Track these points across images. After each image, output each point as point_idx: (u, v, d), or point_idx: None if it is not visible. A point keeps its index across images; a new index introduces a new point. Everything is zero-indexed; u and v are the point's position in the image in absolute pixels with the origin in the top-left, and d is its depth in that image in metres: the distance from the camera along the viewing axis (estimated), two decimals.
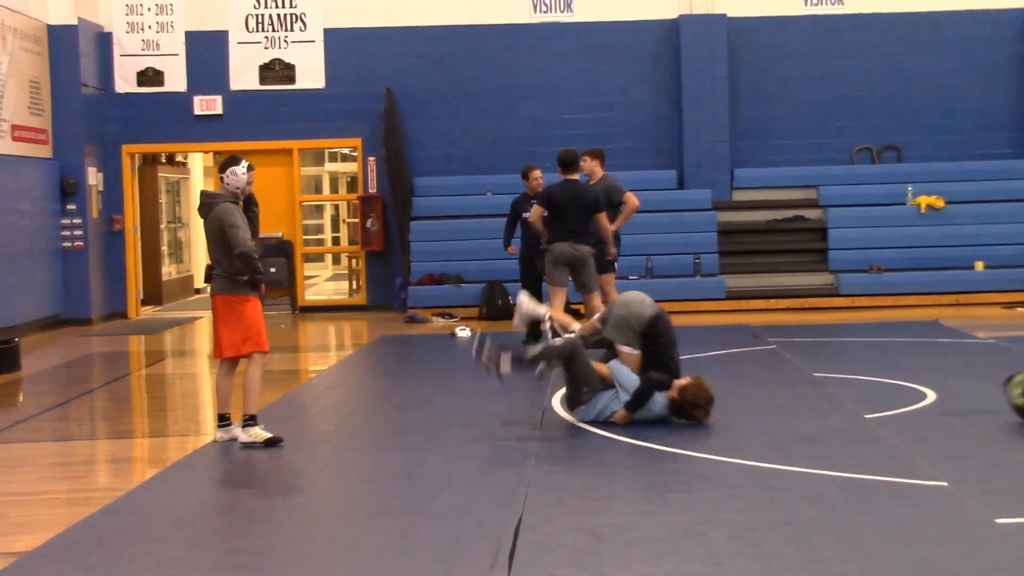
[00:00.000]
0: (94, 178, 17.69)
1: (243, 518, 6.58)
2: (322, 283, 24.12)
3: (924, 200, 17.50)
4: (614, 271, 12.74)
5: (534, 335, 13.21)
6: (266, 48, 18.30)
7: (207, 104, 18.29)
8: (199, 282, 21.89)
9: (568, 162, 11.96)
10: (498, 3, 18.31)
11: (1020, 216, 17.46)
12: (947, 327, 14.04)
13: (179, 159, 21.66)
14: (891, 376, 10.35)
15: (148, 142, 18.60)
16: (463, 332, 14.65)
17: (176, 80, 18.31)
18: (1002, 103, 18.32)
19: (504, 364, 8.43)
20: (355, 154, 18.89)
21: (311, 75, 18.30)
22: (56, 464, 8.25)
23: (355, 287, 19.99)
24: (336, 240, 27.03)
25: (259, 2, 18.26)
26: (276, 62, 18.31)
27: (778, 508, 6.24)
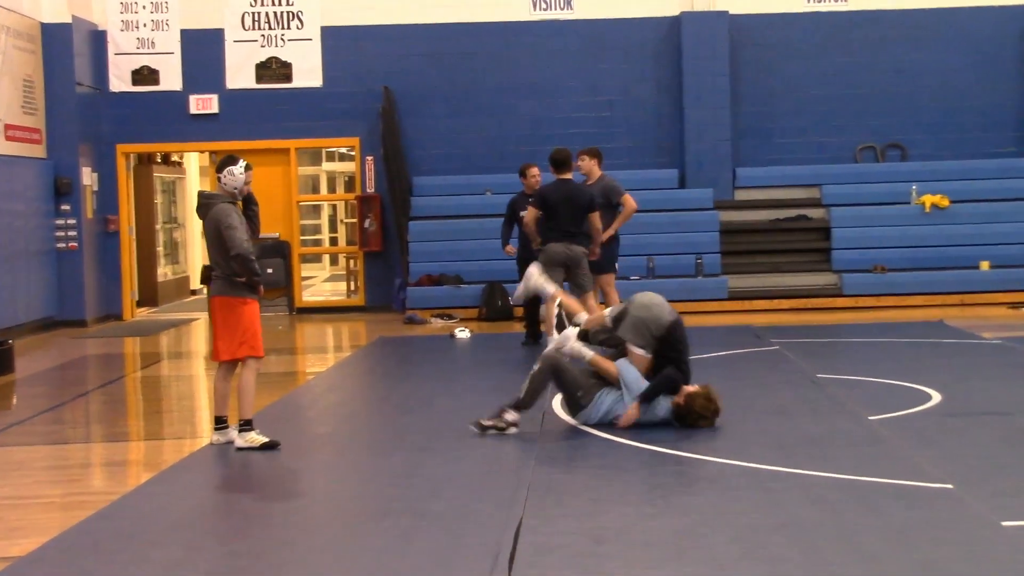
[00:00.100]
0: (89, 178, 17.69)
1: (241, 521, 6.59)
2: (320, 284, 24.12)
3: (928, 199, 17.51)
4: (615, 272, 12.73)
5: (534, 335, 13.24)
6: (263, 46, 18.30)
7: (203, 103, 18.30)
8: (195, 283, 21.89)
9: (560, 161, 11.95)
10: (497, 0, 18.32)
11: None
12: (952, 327, 14.04)
13: (175, 159, 21.67)
14: (895, 377, 10.36)
15: (143, 142, 18.60)
16: (462, 333, 14.65)
17: (171, 79, 18.31)
18: (1007, 101, 18.32)
19: (509, 416, 8.47)
20: (353, 153, 18.89)
21: (308, 74, 18.30)
22: (51, 467, 8.25)
23: (353, 288, 19.99)
24: (334, 240, 27.04)
25: (255, 0, 18.28)
26: (273, 60, 18.31)
27: (781, 510, 6.25)
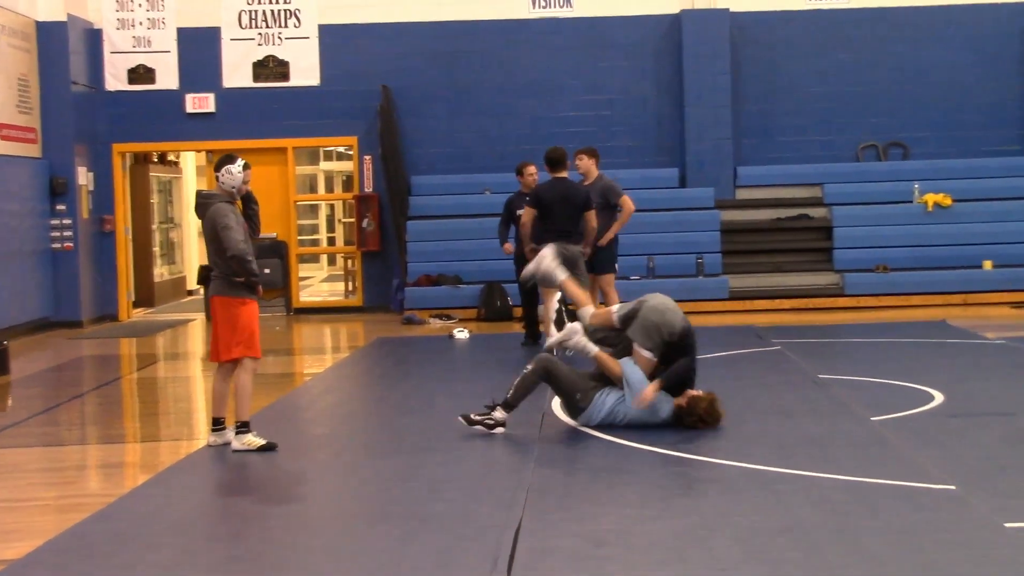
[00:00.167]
0: (84, 178, 17.69)
1: (238, 524, 6.58)
2: (317, 284, 24.11)
3: (931, 198, 17.51)
4: (615, 272, 12.73)
5: (533, 336, 13.23)
6: (260, 45, 18.30)
7: (199, 102, 18.29)
8: (192, 283, 21.89)
9: (555, 160, 11.94)
10: None
11: None
12: (955, 327, 14.04)
13: (171, 158, 21.67)
14: (898, 378, 10.36)
15: (139, 141, 18.59)
16: (461, 334, 14.65)
17: (168, 78, 18.31)
18: (1010, 99, 18.32)
19: (497, 415, 8.47)
20: (351, 153, 18.88)
21: (306, 72, 18.30)
22: (46, 470, 8.24)
23: (351, 288, 19.98)
24: (332, 240, 27.02)
25: None
26: (270, 59, 18.31)
27: (783, 512, 6.24)
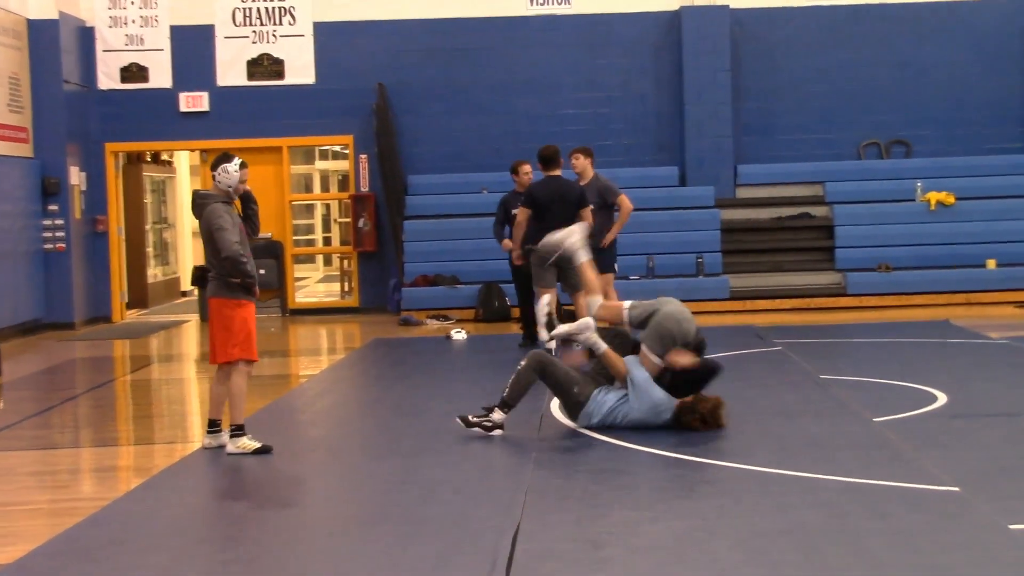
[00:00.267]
0: (76, 178, 17.68)
1: (232, 528, 6.58)
2: (313, 285, 24.12)
3: (934, 196, 17.52)
4: (614, 271, 12.73)
5: (531, 336, 13.22)
6: (254, 42, 18.30)
7: (193, 101, 18.29)
8: (185, 284, 21.89)
9: (548, 158, 11.93)
10: None
11: None
12: (958, 327, 14.05)
13: (164, 158, 21.67)
14: (900, 378, 10.36)
15: (132, 140, 18.58)
16: (458, 335, 14.65)
17: (161, 76, 18.30)
18: (1014, 96, 18.33)
19: (495, 416, 8.47)
20: (347, 151, 18.89)
21: (301, 70, 18.30)
22: (38, 473, 8.24)
23: (347, 289, 19.99)
24: (327, 240, 27.04)
25: None
26: (264, 57, 18.31)
27: (784, 514, 6.24)
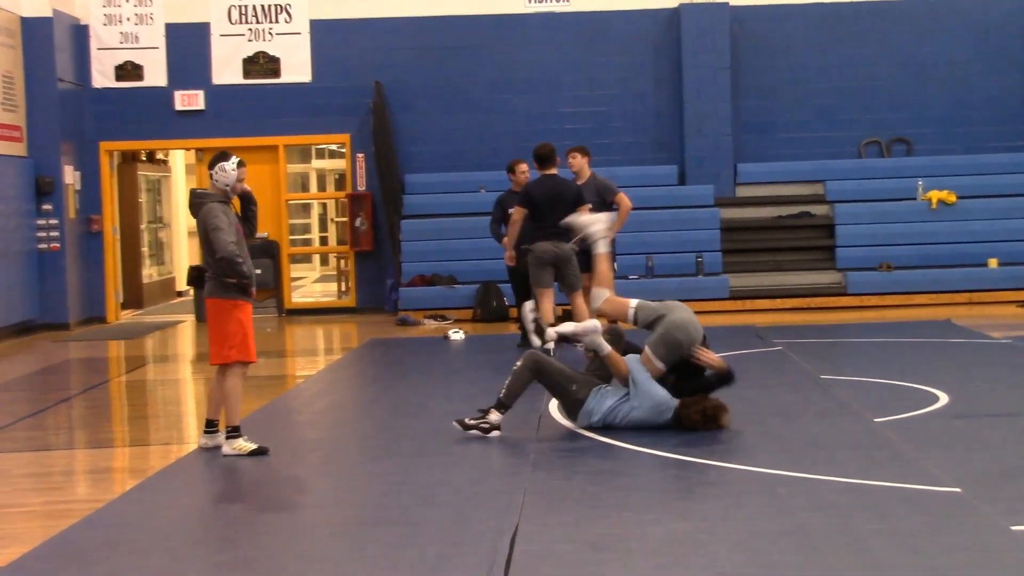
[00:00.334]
0: (71, 177, 17.67)
1: (228, 530, 6.58)
2: (309, 285, 24.12)
3: (935, 195, 17.52)
4: (613, 271, 12.72)
5: (529, 339, 13.21)
6: (250, 40, 18.29)
7: (188, 99, 18.28)
8: (181, 284, 21.88)
9: (544, 157, 11.92)
10: None
11: None
12: (960, 327, 14.05)
13: (160, 156, 21.66)
14: (902, 378, 10.36)
15: (127, 139, 18.58)
16: (456, 335, 14.65)
17: (156, 74, 18.29)
18: (1016, 93, 18.33)
19: (492, 417, 8.46)
20: (343, 150, 18.88)
21: (297, 68, 18.29)
22: (32, 475, 8.23)
23: (344, 289, 19.99)
24: (324, 240, 27.05)
25: None
26: (260, 55, 18.30)
27: (785, 516, 6.24)
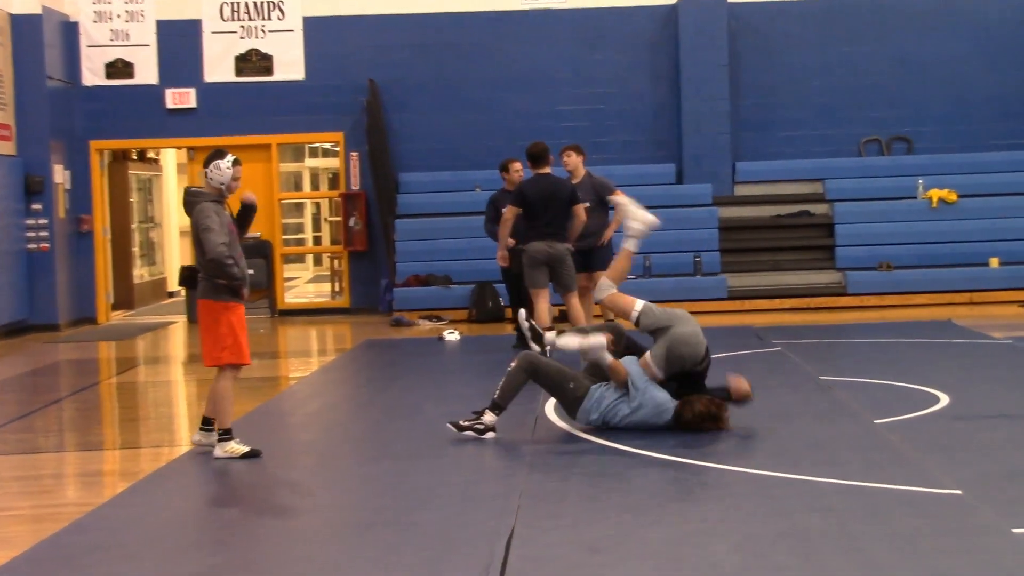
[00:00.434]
0: (61, 176, 17.65)
1: (221, 533, 6.57)
2: (303, 285, 24.11)
3: (936, 194, 17.54)
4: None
5: (526, 340, 13.20)
6: (242, 38, 18.28)
7: (180, 97, 18.27)
8: (172, 285, 21.87)
9: (537, 155, 11.92)
10: None
11: None
12: (960, 327, 14.06)
13: (151, 155, 21.65)
14: (902, 379, 10.37)
15: (118, 138, 18.57)
16: (451, 335, 14.65)
17: (147, 72, 18.28)
18: (1016, 91, 18.35)
19: (487, 419, 8.47)
20: (337, 149, 18.88)
21: (290, 66, 18.29)
22: (21, 478, 8.22)
23: (337, 289, 19.99)
24: (317, 240, 27.04)
25: None
26: (253, 53, 18.29)
27: (783, 518, 6.25)
